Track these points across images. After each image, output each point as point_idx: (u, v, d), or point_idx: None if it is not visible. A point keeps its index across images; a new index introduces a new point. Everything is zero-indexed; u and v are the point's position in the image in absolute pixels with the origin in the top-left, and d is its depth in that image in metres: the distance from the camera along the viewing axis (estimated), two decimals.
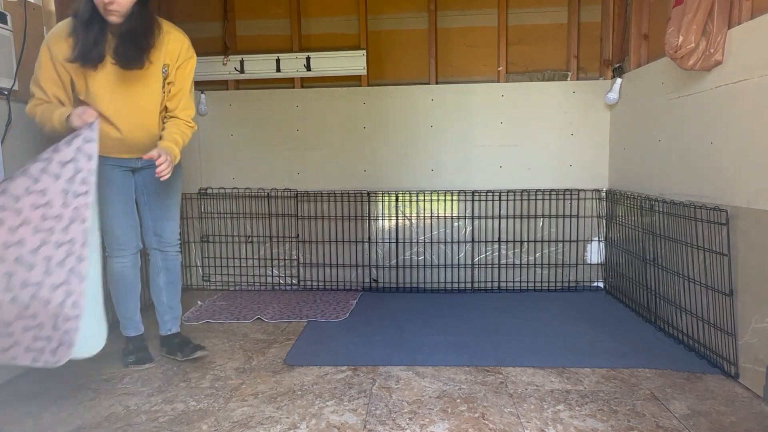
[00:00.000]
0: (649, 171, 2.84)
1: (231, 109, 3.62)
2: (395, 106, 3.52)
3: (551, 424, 1.78)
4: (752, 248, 2.00)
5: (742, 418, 1.80)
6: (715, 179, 2.23)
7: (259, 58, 3.50)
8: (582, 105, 3.42)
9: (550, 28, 3.49)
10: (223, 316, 3.00)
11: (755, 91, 1.98)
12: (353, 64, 3.46)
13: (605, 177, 3.45)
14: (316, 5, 3.59)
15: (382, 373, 2.21)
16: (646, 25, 3.03)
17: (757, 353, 1.97)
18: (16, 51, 2.24)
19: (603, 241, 3.45)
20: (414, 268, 3.56)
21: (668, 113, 2.63)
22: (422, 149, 3.53)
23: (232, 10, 3.62)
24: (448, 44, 3.54)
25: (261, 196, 3.60)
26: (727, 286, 2.11)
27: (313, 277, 3.61)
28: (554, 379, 2.13)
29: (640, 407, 1.88)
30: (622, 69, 3.24)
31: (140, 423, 1.83)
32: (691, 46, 2.16)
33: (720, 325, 2.16)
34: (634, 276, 2.99)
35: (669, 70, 2.58)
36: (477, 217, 3.50)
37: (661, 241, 2.64)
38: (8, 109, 2.17)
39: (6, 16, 2.16)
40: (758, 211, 1.96)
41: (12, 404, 1.98)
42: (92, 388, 2.11)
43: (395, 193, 3.53)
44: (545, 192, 3.46)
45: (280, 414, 1.88)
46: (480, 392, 2.02)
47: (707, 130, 2.29)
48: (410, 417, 1.84)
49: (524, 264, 3.51)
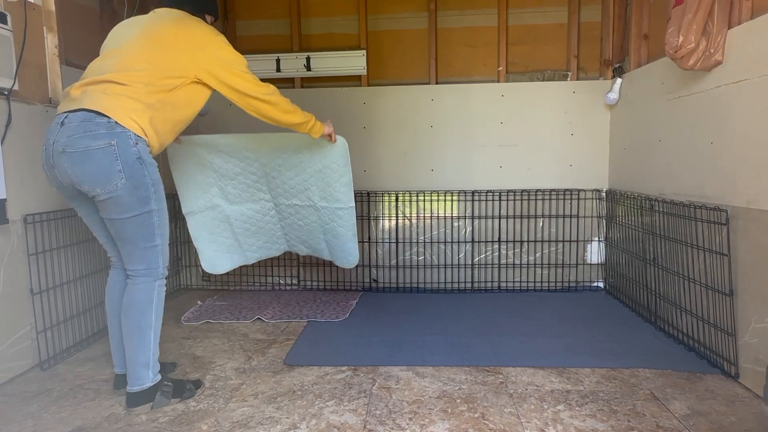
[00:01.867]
0: (649, 171, 2.84)
1: (231, 109, 3.59)
2: (395, 106, 3.52)
3: (551, 424, 1.78)
4: (752, 248, 2.00)
5: (742, 418, 1.80)
6: (715, 179, 2.23)
7: (259, 58, 3.50)
8: (582, 105, 3.42)
9: (550, 28, 3.49)
10: (223, 316, 2.99)
11: (755, 91, 1.98)
12: (353, 64, 3.46)
13: (605, 177, 3.45)
14: (316, 5, 3.59)
15: (382, 373, 2.21)
16: (646, 25, 3.03)
17: (757, 353, 1.97)
18: (16, 51, 2.24)
19: (603, 241, 3.45)
20: (414, 268, 3.56)
21: (668, 113, 2.63)
22: (422, 149, 3.53)
23: (232, 10, 3.62)
24: (448, 44, 3.54)
25: None
26: (727, 286, 2.11)
27: (313, 277, 3.61)
28: (554, 379, 2.13)
29: (640, 407, 1.88)
30: (622, 69, 3.24)
31: (140, 423, 1.83)
32: (691, 46, 2.16)
33: (720, 325, 2.16)
34: (634, 276, 2.99)
35: (669, 70, 2.58)
36: (477, 217, 3.50)
37: (661, 241, 2.64)
38: (8, 109, 2.17)
39: (6, 16, 2.16)
40: (758, 211, 1.96)
41: (12, 404, 1.98)
42: (92, 388, 2.11)
43: (395, 193, 3.53)
44: (545, 192, 3.46)
45: (280, 414, 1.88)
46: (480, 392, 2.02)
47: (707, 130, 2.29)
48: (410, 417, 1.84)
49: (524, 264, 3.51)
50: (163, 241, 1.92)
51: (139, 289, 1.90)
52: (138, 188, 1.81)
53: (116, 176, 1.77)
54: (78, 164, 1.76)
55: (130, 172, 1.79)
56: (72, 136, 1.75)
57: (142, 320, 1.90)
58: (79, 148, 1.74)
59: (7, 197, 2.12)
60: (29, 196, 2.28)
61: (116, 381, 2.09)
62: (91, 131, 1.75)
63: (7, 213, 2.12)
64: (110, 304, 2.06)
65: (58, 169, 1.80)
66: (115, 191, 1.78)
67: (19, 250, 2.23)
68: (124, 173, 1.78)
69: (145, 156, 1.83)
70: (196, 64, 1.94)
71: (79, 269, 2.58)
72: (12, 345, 2.19)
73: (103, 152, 1.75)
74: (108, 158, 1.76)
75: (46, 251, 2.36)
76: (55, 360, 2.37)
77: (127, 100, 1.82)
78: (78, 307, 2.56)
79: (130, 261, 1.91)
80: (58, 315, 2.42)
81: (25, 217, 2.25)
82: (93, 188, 1.78)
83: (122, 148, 1.77)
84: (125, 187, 1.79)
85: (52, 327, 2.38)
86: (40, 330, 2.31)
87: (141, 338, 1.89)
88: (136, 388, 1.90)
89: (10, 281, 2.18)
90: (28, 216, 2.25)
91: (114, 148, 1.76)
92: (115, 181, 1.77)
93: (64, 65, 2.56)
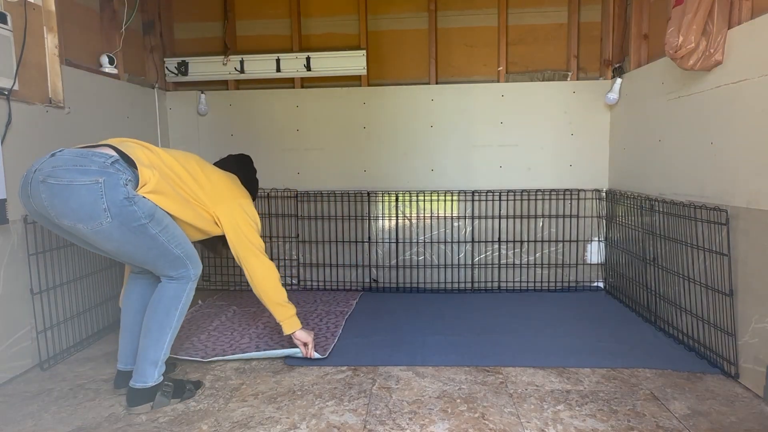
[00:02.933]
0: (649, 171, 2.84)
1: (231, 109, 3.62)
2: (395, 106, 3.52)
3: (551, 424, 1.78)
4: (752, 248, 2.00)
5: (742, 418, 1.80)
6: (715, 179, 2.23)
7: (259, 58, 3.50)
8: (582, 105, 3.42)
9: (550, 28, 3.49)
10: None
11: (755, 91, 1.98)
12: (353, 64, 3.46)
13: (605, 177, 3.45)
14: (316, 5, 3.59)
15: (382, 373, 2.21)
16: (646, 25, 3.03)
17: (757, 353, 1.97)
18: (16, 51, 2.24)
19: (603, 241, 3.45)
20: (414, 268, 3.56)
21: (668, 113, 2.63)
22: (422, 149, 3.53)
23: (232, 10, 3.62)
24: (448, 44, 3.54)
25: (261, 196, 3.60)
26: (727, 286, 2.11)
27: (313, 277, 3.61)
28: (554, 379, 2.13)
29: (640, 407, 1.88)
30: (622, 69, 3.24)
31: (140, 423, 1.83)
32: (691, 46, 2.16)
33: (720, 325, 2.16)
34: (634, 276, 2.99)
35: (669, 70, 2.58)
36: (477, 217, 3.50)
37: (661, 241, 2.64)
38: (8, 109, 2.17)
39: (6, 16, 2.15)
40: (758, 211, 1.96)
41: (12, 404, 1.98)
42: (92, 388, 2.11)
43: (395, 193, 3.53)
44: (545, 192, 3.46)
45: (280, 414, 1.88)
46: (480, 392, 2.02)
47: (707, 130, 2.29)
48: (410, 417, 1.84)
49: (524, 264, 3.51)
50: (182, 250, 1.88)
51: (173, 287, 1.92)
52: (127, 224, 1.71)
53: (101, 214, 1.65)
54: (57, 197, 1.63)
55: (116, 211, 1.67)
56: (58, 167, 1.63)
57: (167, 318, 1.91)
58: (61, 180, 1.62)
59: (7, 197, 2.12)
60: None
61: (117, 379, 2.09)
62: (82, 165, 1.65)
63: (7, 213, 2.12)
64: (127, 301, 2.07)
65: (34, 199, 1.66)
66: (100, 228, 1.67)
67: (19, 250, 2.23)
68: (110, 212, 1.66)
69: (133, 194, 1.71)
70: (218, 201, 2.05)
71: (79, 269, 2.58)
72: (12, 345, 2.19)
73: (87, 189, 1.63)
74: (92, 195, 1.63)
75: (47, 251, 2.36)
76: (55, 360, 2.37)
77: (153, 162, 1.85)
78: (78, 307, 2.56)
79: (158, 272, 1.92)
80: (58, 315, 2.42)
81: (26, 217, 2.24)
82: (74, 224, 1.66)
83: (109, 186, 1.65)
84: (112, 225, 1.68)
85: (52, 327, 2.38)
86: (40, 330, 2.31)
87: (159, 336, 1.91)
88: (139, 385, 1.90)
89: (10, 281, 2.18)
90: (28, 216, 2.25)
91: (100, 186, 1.64)
92: (99, 219, 1.66)
93: (64, 65, 2.56)
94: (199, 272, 1.97)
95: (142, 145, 1.90)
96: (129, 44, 3.21)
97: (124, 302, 2.09)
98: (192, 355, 2.36)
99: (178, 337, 2.62)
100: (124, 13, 3.08)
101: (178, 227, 1.89)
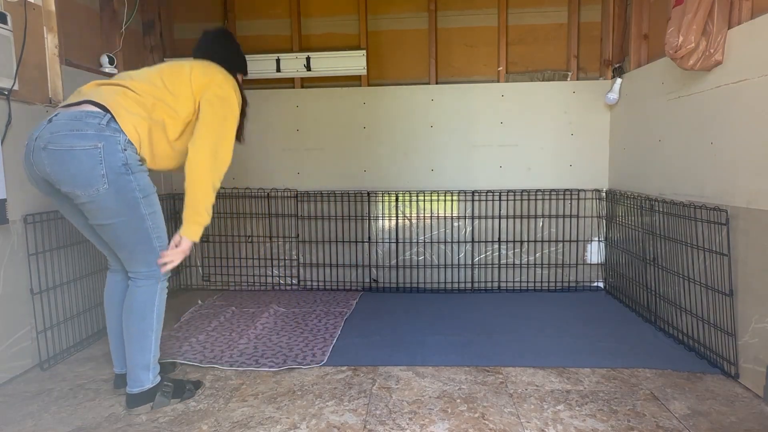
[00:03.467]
0: (649, 171, 2.84)
1: None
2: (395, 106, 3.52)
3: (551, 424, 1.78)
4: (752, 248, 2.00)
5: (742, 418, 1.80)
6: (715, 179, 2.23)
7: (259, 58, 3.49)
8: (582, 105, 3.42)
9: (550, 28, 3.49)
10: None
11: (755, 91, 1.98)
12: (353, 64, 3.46)
13: (605, 177, 3.45)
14: (316, 5, 3.59)
15: (382, 373, 2.21)
16: (646, 25, 3.03)
17: (757, 353, 1.97)
18: (16, 51, 2.24)
19: (603, 241, 3.45)
20: (414, 268, 3.56)
21: (668, 113, 2.63)
22: (422, 149, 3.53)
23: (232, 10, 3.62)
24: (448, 44, 3.54)
25: (261, 196, 3.60)
26: (727, 286, 2.11)
27: (313, 277, 3.61)
28: (554, 379, 2.13)
29: (640, 407, 1.88)
30: (622, 69, 3.24)
31: (140, 423, 1.83)
32: (691, 46, 2.16)
33: (720, 325, 2.16)
34: (634, 276, 2.99)
35: (669, 70, 2.58)
36: (477, 217, 3.50)
37: (661, 241, 2.64)
38: (8, 109, 2.17)
39: (6, 16, 2.15)
40: (758, 211, 1.96)
41: (12, 404, 1.98)
42: (92, 388, 2.11)
43: (395, 193, 3.53)
44: (545, 192, 3.46)
45: (280, 414, 1.88)
46: (480, 392, 2.02)
47: (707, 130, 2.29)
48: (410, 417, 1.84)
49: (524, 264, 3.51)
50: (161, 243, 1.88)
51: (141, 291, 1.87)
52: (122, 194, 1.74)
53: (98, 180, 1.69)
54: (58, 163, 1.68)
55: (113, 177, 1.71)
56: (57, 132, 1.68)
57: (143, 323, 1.88)
58: (62, 146, 1.67)
59: (7, 197, 2.12)
60: (29, 196, 2.28)
61: (116, 380, 2.09)
62: (79, 130, 1.69)
63: (7, 213, 2.12)
64: (109, 307, 2.05)
65: (37, 166, 1.72)
66: (96, 195, 1.71)
67: (19, 250, 2.23)
68: (107, 179, 1.70)
69: (133, 162, 1.75)
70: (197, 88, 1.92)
71: (79, 269, 2.58)
72: (12, 345, 2.19)
73: (87, 154, 1.68)
74: (91, 161, 1.68)
75: (46, 251, 2.36)
76: (55, 360, 2.37)
77: (133, 104, 1.80)
78: (78, 307, 2.56)
79: (130, 265, 1.88)
80: (58, 315, 2.42)
81: (25, 217, 2.25)
82: (73, 190, 1.71)
83: (108, 152, 1.69)
84: (108, 193, 1.71)
85: (52, 327, 2.38)
86: (40, 330, 2.31)
87: (142, 341, 1.88)
88: (136, 390, 1.90)
89: (10, 281, 2.18)
90: (28, 216, 2.25)
91: (99, 151, 1.68)
92: (96, 185, 1.69)
93: (64, 65, 2.56)
94: (169, 274, 1.94)
95: (114, 84, 1.85)
96: (129, 44, 3.21)
97: (106, 306, 2.06)
98: (190, 360, 2.35)
99: (177, 338, 2.62)
100: (124, 13, 3.08)
101: (162, 219, 1.89)
